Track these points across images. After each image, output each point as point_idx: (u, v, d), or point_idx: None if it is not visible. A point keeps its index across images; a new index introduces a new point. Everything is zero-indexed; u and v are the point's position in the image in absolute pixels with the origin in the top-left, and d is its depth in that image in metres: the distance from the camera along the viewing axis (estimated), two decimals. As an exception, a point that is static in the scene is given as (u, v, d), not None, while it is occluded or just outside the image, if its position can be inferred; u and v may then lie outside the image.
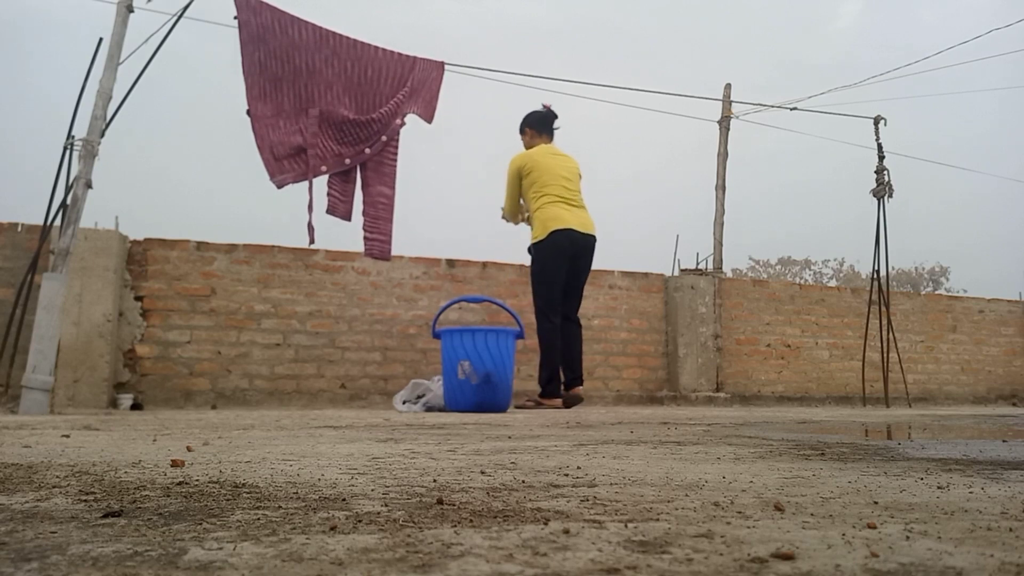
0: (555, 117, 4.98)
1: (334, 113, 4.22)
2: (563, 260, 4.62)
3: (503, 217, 5.03)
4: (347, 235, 4.47)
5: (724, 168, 6.51)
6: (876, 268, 6.03)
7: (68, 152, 3.81)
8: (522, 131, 4.98)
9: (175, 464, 1.28)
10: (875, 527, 0.74)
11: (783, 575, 0.56)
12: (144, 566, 0.58)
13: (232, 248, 4.80)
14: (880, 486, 1.06)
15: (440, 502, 0.89)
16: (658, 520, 0.78)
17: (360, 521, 0.77)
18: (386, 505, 0.88)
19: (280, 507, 0.86)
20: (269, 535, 0.70)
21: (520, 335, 4.36)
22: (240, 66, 4.08)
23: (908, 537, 0.69)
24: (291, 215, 4.54)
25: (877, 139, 6.04)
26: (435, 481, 1.10)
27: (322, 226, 4.20)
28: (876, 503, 0.90)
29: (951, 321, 7.26)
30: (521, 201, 4.93)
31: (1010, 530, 0.73)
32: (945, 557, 0.61)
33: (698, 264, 6.35)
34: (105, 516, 0.79)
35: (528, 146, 4.95)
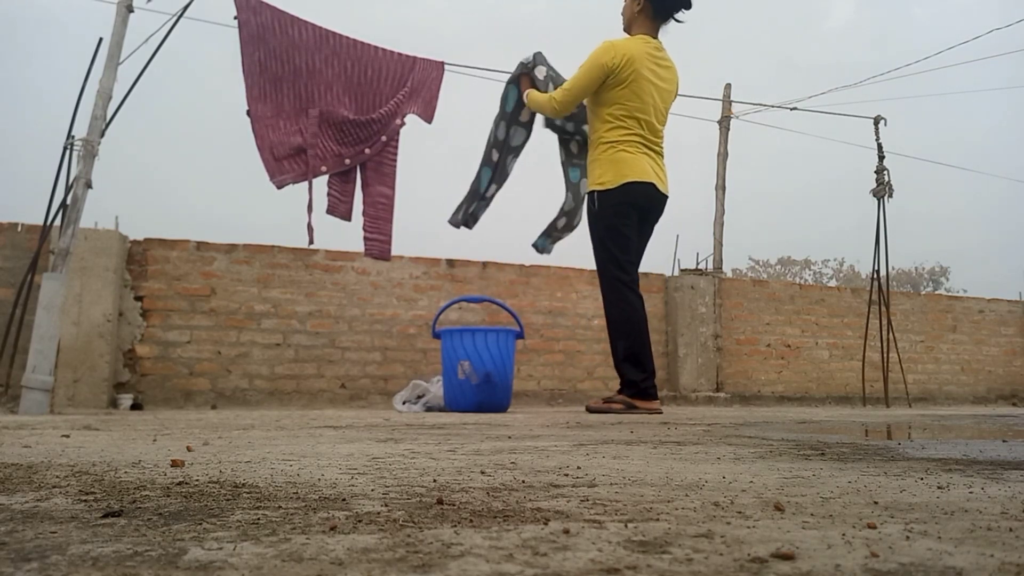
0: (688, 5, 3.75)
1: (334, 113, 4.22)
2: (635, 216, 3.74)
3: (544, 104, 3.81)
4: (347, 235, 4.47)
5: (724, 168, 6.51)
6: (876, 268, 6.03)
7: (68, 152, 3.81)
8: None
9: (175, 464, 1.27)
10: (875, 527, 0.74)
11: (783, 575, 0.56)
12: (144, 566, 0.58)
13: (232, 248, 4.80)
14: (880, 486, 1.06)
15: (440, 502, 0.89)
16: (658, 520, 0.78)
17: (360, 521, 0.77)
18: (386, 505, 0.88)
19: (280, 507, 0.86)
20: (269, 535, 0.70)
21: (520, 335, 4.35)
22: (240, 66, 4.08)
23: (908, 537, 0.69)
24: (291, 215, 4.53)
25: (877, 139, 6.04)
26: (435, 481, 1.10)
27: (322, 226, 4.20)
28: (876, 503, 0.90)
29: (951, 321, 7.26)
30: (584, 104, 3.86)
31: (1010, 530, 0.73)
32: (945, 557, 0.61)
33: (698, 264, 6.35)
34: (105, 516, 0.79)
35: (628, 24, 3.81)
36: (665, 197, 3.85)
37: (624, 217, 3.72)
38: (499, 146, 4.27)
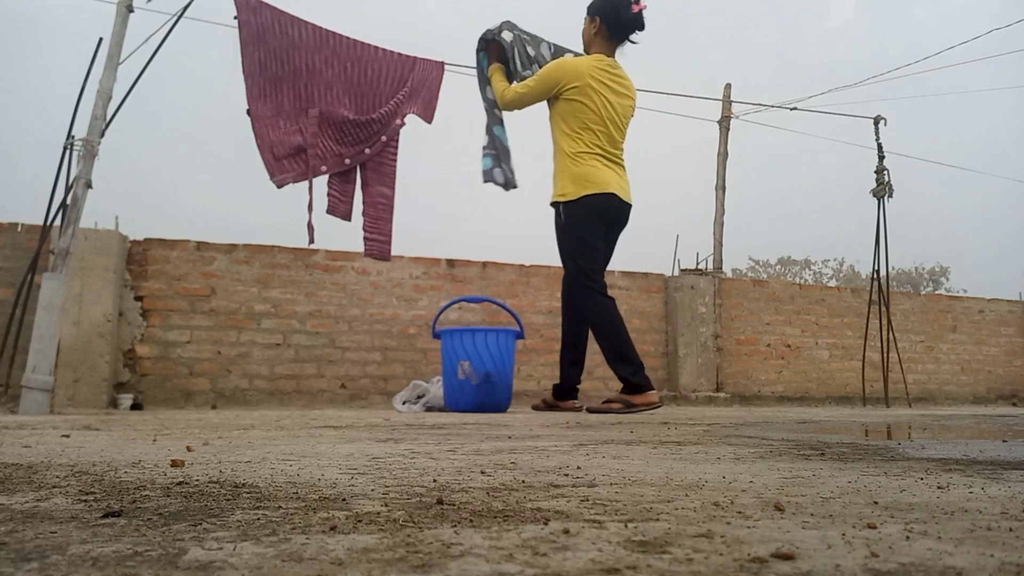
0: (641, 27, 3.92)
1: (334, 113, 4.22)
2: (601, 226, 3.85)
3: (498, 94, 4.08)
4: (347, 235, 4.47)
5: (724, 168, 6.51)
6: (876, 268, 6.03)
7: (68, 152, 3.81)
8: (591, 14, 3.95)
9: (175, 464, 1.27)
10: (875, 527, 0.74)
11: (783, 575, 0.56)
12: (144, 566, 0.58)
13: (232, 248, 4.80)
14: (880, 486, 1.06)
15: (440, 502, 0.89)
16: (658, 520, 0.78)
17: (360, 521, 0.77)
18: (386, 505, 0.88)
19: (280, 507, 0.86)
20: (269, 535, 0.70)
21: (520, 335, 4.36)
22: (240, 66, 4.07)
23: (908, 537, 0.69)
24: (291, 215, 4.53)
25: (877, 139, 6.04)
26: (435, 481, 1.10)
27: (322, 226, 4.20)
28: (876, 503, 0.90)
29: (951, 321, 7.26)
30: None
31: (1010, 530, 0.73)
32: (945, 557, 0.61)
33: (698, 264, 6.35)
34: (105, 516, 0.79)
35: (586, 43, 4.02)
36: (629, 206, 3.98)
37: (591, 228, 3.85)
38: (494, 105, 4.27)
